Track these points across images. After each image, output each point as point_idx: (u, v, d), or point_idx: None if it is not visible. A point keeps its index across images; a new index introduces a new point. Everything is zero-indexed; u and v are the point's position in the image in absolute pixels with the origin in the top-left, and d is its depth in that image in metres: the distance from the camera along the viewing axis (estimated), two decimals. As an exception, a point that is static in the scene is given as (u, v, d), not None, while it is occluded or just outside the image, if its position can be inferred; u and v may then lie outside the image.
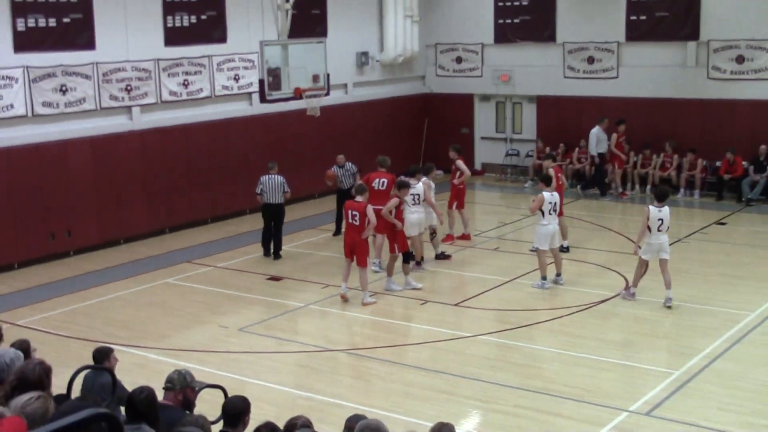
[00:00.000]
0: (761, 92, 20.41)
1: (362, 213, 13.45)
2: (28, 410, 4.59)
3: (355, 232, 13.55)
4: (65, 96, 16.58)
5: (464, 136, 24.25)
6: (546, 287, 14.08)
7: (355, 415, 6.18)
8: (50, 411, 4.64)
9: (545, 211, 13.96)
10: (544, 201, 13.94)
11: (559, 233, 14.45)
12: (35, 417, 4.51)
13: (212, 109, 19.44)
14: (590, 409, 9.73)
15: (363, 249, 13.59)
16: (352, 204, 13.64)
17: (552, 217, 14.06)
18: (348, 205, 13.72)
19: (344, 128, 22.31)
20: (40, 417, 4.53)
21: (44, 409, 4.63)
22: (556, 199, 14.21)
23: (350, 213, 13.57)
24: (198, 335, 12.62)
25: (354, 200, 13.70)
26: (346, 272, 13.88)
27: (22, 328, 12.61)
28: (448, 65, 24.78)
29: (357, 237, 13.54)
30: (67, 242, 16.87)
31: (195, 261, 16.49)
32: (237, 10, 19.46)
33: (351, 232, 13.64)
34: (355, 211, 13.52)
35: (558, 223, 14.40)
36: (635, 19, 21.85)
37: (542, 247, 14.08)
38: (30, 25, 16.02)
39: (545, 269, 14.12)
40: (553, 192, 14.24)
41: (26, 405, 4.62)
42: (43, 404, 4.64)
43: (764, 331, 12.15)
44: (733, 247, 16.62)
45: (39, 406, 4.62)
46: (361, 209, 13.46)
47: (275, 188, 16.23)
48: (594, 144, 21.17)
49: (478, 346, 11.83)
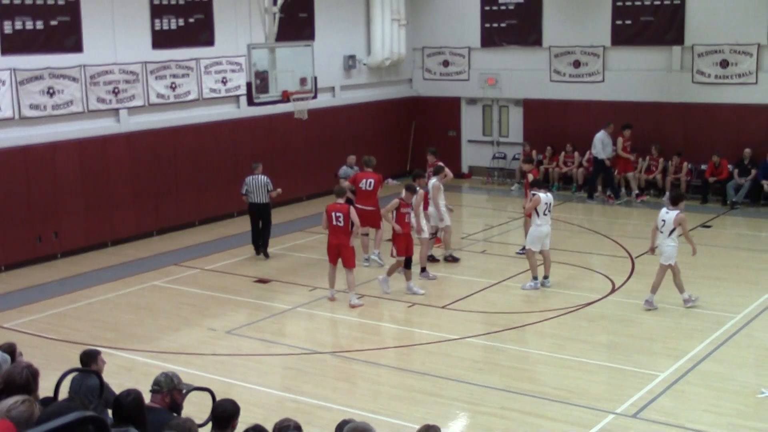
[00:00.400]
0: (745, 96, 20.55)
1: (346, 214, 13.53)
2: (13, 413, 4.60)
3: (340, 233, 13.59)
4: (53, 98, 16.55)
5: (451, 139, 24.35)
6: (537, 287, 14.18)
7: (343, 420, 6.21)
8: (36, 415, 4.65)
9: (540, 212, 14.03)
10: (540, 202, 14.02)
11: (549, 235, 14.51)
12: (20, 420, 4.52)
13: (200, 111, 19.42)
14: (577, 411, 9.78)
15: (349, 250, 13.64)
16: (335, 206, 13.69)
17: (546, 218, 14.14)
18: (331, 207, 13.74)
19: (332, 131, 22.35)
20: (25, 420, 4.55)
21: (29, 412, 4.64)
22: (550, 200, 14.29)
23: (334, 215, 13.60)
24: (185, 338, 12.61)
25: (336, 203, 13.77)
26: (332, 277, 13.93)
27: (9, 331, 12.59)
28: (435, 69, 24.85)
29: (343, 239, 13.58)
30: (54, 244, 16.82)
31: (182, 263, 16.48)
32: (225, 13, 19.47)
33: (336, 234, 13.67)
34: (338, 212, 13.57)
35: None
36: (621, 24, 21.97)
37: (534, 248, 14.15)
38: (17, 28, 15.99)
39: (536, 270, 14.21)
40: (547, 193, 14.32)
41: (12, 408, 4.64)
42: (29, 408, 4.66)
43: (749, 333, 12.24)
44: (719, 249, 16.73)
45: (24, 409, 4.63)
46: (345, 211, 13.55)
47: (260, 188, 16.33)
48: (600, 148, 20.99)
49: (465, 349, 11.87)
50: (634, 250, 16.45)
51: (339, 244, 13.60)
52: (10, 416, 4.57)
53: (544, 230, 14.11)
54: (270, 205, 16.61)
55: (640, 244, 16.92)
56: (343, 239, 13.58)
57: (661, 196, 21.03)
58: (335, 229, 13.65)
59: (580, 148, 22.39)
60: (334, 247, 13.68)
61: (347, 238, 13.63)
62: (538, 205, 13.99)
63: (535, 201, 14.01)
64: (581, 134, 22.39)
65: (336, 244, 13.65)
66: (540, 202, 13.99)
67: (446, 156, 23.83)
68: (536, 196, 14.08)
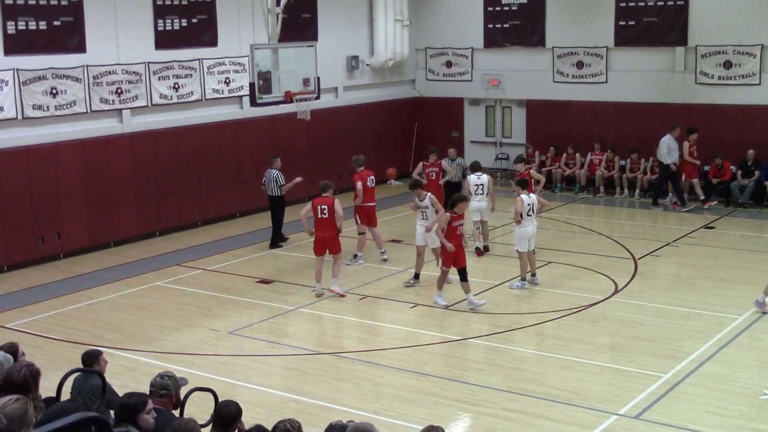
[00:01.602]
0: (748, 97, 20.53)
1: (331, 207, 14.03)
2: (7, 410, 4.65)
3: (326, 225, 14.10)
4: (55, 99, 16.56)
5: (453, 140, 24.36)
6: (526, 287, 14.29)
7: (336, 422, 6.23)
8: (30, 413, 4.71)
9: (523, 213, 14.16)
10: (523, 203, 14.17)
11: (535, 235, 14.61)
12: (14, 417, 4.57)
13: (203, 112, 19.43)
14: (579, 413, 9.77)
15: (336, 239, 14.16)
16: (320, 200, 14.19)
17: (530, 219, 14.33)
18: (317, 201, 14.24)
19: (334, 132, 22.36)
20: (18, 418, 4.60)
21: (23, 410, 4.68)
22: (533, 200, 14.45)
23: (319, 208, 14.11)
24: (188, 338, 12.61)
25: (321, 196, 14.23)
26: (318, 271, 14.23)
27: (11, 331, 12.60)
28: (438, 69, 24.84)
29: (329, 231, 14.07)
30: (57, 245, 16.84)
31: (185, 264, 16.49)
32: (228, 13, 19.48)
33: (321, 226, 14.16)
34: (323, 205, 14.08)
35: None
36: (624, 25, 21.95)
37: (521, 248, 14.27)
38: (20, 28, 16.01)
39: (525, 270, 14.38)
40: (529, 194, 14.45)
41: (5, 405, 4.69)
42: (23, 406, 4.70)
43: (752, 334, 12.22)
44: (721, 250, 16.71)
45: (19, 407, 4.68)
46: (330, 203, 14.04)
47: (270, 181, 17.19)
48: (665, 152, 20.04)
49: (467, 349, 11.87)
50: (637, 251, 16.44)
51: (325, 236, 14.10)
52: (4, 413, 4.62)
53: (529, 230, 14.33)
54: (279, 198, 17.22)
55: (643, 245, 16.94)
56: (329, 232, 14.07)
57: (663, 197, 21.01)
58: (320, 221, 14.13)
59: (582, 150, 22.38)
60: (321, 240, 14.16)
61: (333, 230, 14.10)
62: (521, 206, 14.17)
63: (518, 205, 14.20)
64: (584, 135, 22.41)
65: (322, 236, 14.13)
66: (523, 204, 14.16)
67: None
68: (519, 198, 14.26)
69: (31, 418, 4.72)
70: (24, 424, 4.54)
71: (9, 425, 4.49)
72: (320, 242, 14.20)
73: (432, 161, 17.63)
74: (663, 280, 14.89)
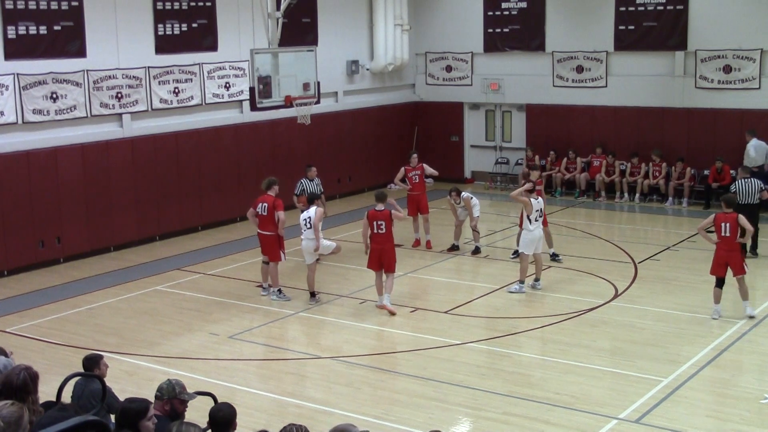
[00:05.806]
0: (748, 102, 20.55)
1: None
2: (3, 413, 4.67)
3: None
4: (56, 103, 16.58)
5: (453, 144, 24.40)
6: (524, 291, 14.27)
7: None
8: (25, 417, 4.75)
9: (531, 218, 14.18)
10: (532, 209, 14.21)
11: (543, 239, 14.67)
12: (10, 421, 4.61)
13: (203, 116, 19.45)
14: (580, 417, 9.77)
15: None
16: (375, 213, 13.50)
17: (538, 224, 14.35)
18: (372, 214, 13.53)
19: (334, 136, 22.37)
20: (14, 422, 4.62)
21: (18, 415, 4.72)
22: (541, 205, 14.48)
23: (375, 223, 13.48)
24: (188, 343, 12.61)
25: (374, 209, 13.56)
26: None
27: (12, 335, 12.59)
28: (438, 74, 24.86)
29: (386, 243, 13.49)
30: (57, 249, 16.84)
31: (185, 268, 16.48)
32: (228, 18, 19.50)
33: (377, 239, 13.50)
34: (380, 220, 13.45)
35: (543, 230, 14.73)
36: (624, 29, 21.97)
37: (527, 251, 14.26)
38: (21, 33, 16.02)
39: (525, 273, 14.36)
40: (538, 199, 14.46)
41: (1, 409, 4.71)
42: (18, 410, 4.74)
43: (752, 338, 12.22)
44: (721, 255, 16.64)
45: (14, 410, 4.71)
46: (385, 216, 13.45)
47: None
48: (754, 155, 19.46)
49: (467, 354, 11.86)
50: (637, 255, 16.44)
51: (381, 249, 13.51)
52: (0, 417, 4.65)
53: (537, 234, 14.31)
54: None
55: (643, 249, 16.94)
56: (386, 244, 13.52)
57: (663, 201, 21.06)
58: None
59: (582, 154, 22.41)
60: (377, 252, 13.52)
61: (390, 243, 13.58)
62: (530, 212, 14.19)
63: (527, 205, 14.19)
64: (584, 139, 22.43)
65: (378, 249, 13.51)
66: (532, 209, 14.19)
67: (449, 161, 23.98)
68: (529, 201, 14.22)
69: (26, 423, 4.74)
70: (19, 428, 4.56)
71: (5, 429, 4.51)
72: (376, 256, 13.49)
73: (414, 165, 17.56)
74: (663, 285, 14.87)
